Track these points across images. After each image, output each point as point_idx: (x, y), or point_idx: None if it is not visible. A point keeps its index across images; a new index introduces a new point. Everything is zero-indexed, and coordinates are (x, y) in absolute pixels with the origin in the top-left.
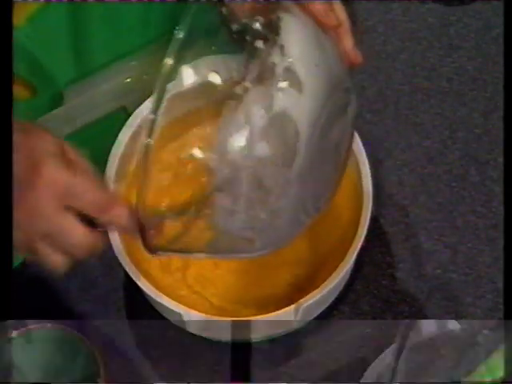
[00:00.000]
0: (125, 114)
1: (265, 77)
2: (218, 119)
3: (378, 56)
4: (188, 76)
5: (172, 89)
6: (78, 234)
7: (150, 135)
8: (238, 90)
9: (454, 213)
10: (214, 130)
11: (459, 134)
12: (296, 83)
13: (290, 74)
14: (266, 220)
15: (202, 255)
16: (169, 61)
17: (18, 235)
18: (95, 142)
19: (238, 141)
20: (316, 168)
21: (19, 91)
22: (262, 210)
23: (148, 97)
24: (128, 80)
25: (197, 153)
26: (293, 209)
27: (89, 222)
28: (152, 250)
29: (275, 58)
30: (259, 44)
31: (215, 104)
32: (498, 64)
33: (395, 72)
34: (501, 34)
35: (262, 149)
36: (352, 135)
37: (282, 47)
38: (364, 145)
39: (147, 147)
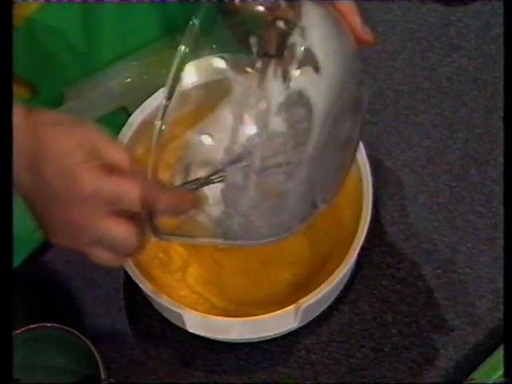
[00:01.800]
0: (125, 114)
1: (284, 56)
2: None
3: (378, 56)
4: (188, 76)
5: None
6: (128, 235)
7: (162, 119)
8: (258, 64)
9: (453, 213)
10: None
11: (459, 133)
12: (314, 66)
13: (308, 55)
14: (275, 201)
15: (206, 240)
16: (183, 47)
17: (69, 243)
18: None
19: (254, 114)
20: (326, 157)
21: (19, 91)
22: (272, 189)
23: (148, 97)
24: (128, 80)
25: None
26: (301, 194)
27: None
28: (159, 232)
29: (296, 38)
30: (280, 24)
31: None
32: (498, 64)
33: (395, 72)
34: (501, 33)
35: (278, 124)
36: (360, 133)
37: (302, 29)
38: (364, 145)
39: (159, 132)
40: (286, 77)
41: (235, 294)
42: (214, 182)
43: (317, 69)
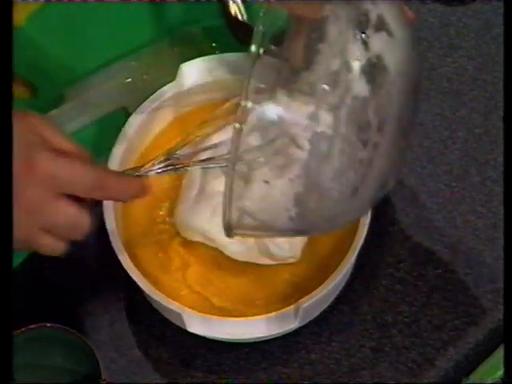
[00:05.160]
0: (125, 114)
1: (360, 19)
2: (224, 120)
3: None
4: (188, 76)
5: (172, 89)
6: (78, 218)
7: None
8: (334, 26)
9: (453, 213)
10: (215, 130)
11: (459, 133)
12: (388, 31)
13: (382, 22)
14: (356, 171)
15: (279, 227)
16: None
17: (18, 234)
18: (95, 141)
19: (338, 79)
20: (399, 133)
21: (19, 91)
22: (354, 159)
23: (148, 97)
24: (128, 80)
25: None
26: (381, 165)
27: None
28: (231, 228)
29: (368, 5)
30: None
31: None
32: (498, 64)
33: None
34: (501, 33)
35: (361, 88)
36: (414, 124)
37: None
38: None
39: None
40: (364, 40)
41: (235, 293)
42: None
43: (391, 34)
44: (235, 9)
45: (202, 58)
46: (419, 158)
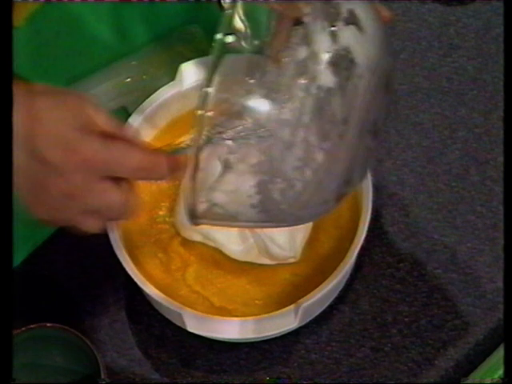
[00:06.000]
0: (125, 113)
1: (330, 12)
2: None
3: None
4: (188, 76)
5: (172, 89)
6: (124, 199)
7: (203, 108)
8: (306, 19)
9: (453, 213)
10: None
11: (459, 133)
12: (358, 25)
13: (352, 15)
14: (319, 161)
15: (243, 218)
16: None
17: (58, 215)
18: None
19: (305, 68)
20: (365, 130)
21: None
22: (317, 149)
23: (148, 97)
24: (128, 80)
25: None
26: (345, 157)
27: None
28: (197, 216)
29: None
30: None
31: None
32: (498, 64)
33: (395, 72)
34: (501, 33)
35: (327, 79)
36: (384, 124)
37: None
38: None
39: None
40: (333, 32)
41: (235, 293)
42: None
43: (360, 28)
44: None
45: (201, 58)
46: (419, 157)
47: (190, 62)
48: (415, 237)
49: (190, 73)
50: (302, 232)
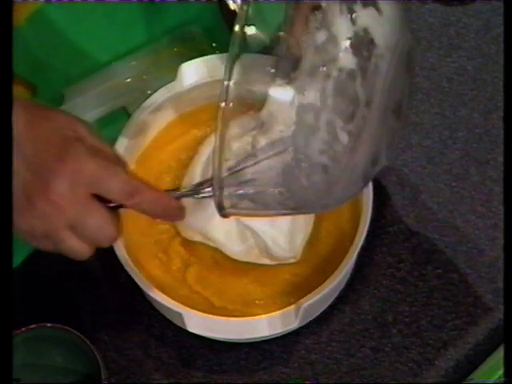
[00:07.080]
0: (125, 114)
1: None
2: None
3: None
4: (188, 76)
5: (172, 89)
6: (103, 223)
7: (225, 100)
8: (323, 3)
9: (453, 213)
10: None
11: (459, 133)
12: (376, 7)
13: None
14: (344, 143)
15: (275, 211)
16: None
17: (39, 226)
18: None
19: (325, 51)
20: (389, 111)
21: (19, 91)
22: (343, 130)
23: (148, 97)
24: (128, 80)
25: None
26: (370, 139)
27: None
28: (223, 207)
29: None
30: None
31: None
32: (498, 64)
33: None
34: (501, 33)
35: (347, 61)
36: (409, 105)
37: None
38: None
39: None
40: (351, 14)
41: (235, 293)
42: (203, 193)
43: (379, 10)
44: (235, 8)
45: (201, 58)
46: (419, 157)
47: (190, 62)
48: (415, 237)
49: (190, 73)
50: (302, 232)
